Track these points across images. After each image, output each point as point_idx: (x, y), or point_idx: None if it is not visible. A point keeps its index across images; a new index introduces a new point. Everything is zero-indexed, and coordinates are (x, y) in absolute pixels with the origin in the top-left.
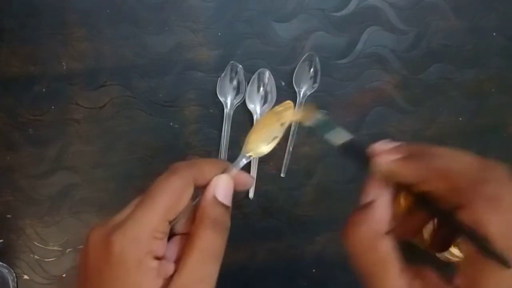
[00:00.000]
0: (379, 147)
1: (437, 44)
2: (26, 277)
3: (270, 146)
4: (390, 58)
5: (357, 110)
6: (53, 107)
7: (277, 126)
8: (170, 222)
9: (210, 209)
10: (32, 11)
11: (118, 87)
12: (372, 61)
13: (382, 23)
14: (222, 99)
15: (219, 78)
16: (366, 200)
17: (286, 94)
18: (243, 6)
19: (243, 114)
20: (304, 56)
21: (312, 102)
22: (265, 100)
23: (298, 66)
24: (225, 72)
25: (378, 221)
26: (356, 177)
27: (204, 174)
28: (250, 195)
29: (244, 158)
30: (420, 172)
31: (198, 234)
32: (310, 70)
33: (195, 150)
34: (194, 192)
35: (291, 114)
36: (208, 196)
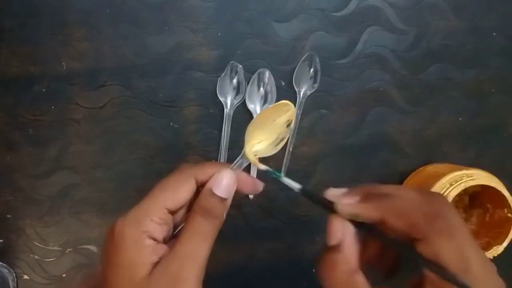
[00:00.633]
0: (334, 192)
1: (437, 44)
2: (26, 277)
3: (277, 148)
4: (390, 58)
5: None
6: (53, 107)
7: (280, 124)
8: (171, 212)
9: (203, 198)
10: (32, 11)
11: (118, 87)
12: (372, 61)
13: (382, 23)
14: (222, 99)
15: (219, 78)
16: (333, 241)
17: (286, 94)
18: (243, 6)
19: (243, 114)
20: (304, 56)
21: (311, 102)
22: (265, 100)
23: (298, 66)
24: (225, 72)
25: (350, 260)
26: (356, 177)
27: (206, 172)
28: (250, 195)
29: (245, 159)
30: (378, 212)
31: (189, 218)
32: (310, 70)
33: (195, 150)
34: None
35: (291, 113)
36: (205, 188)
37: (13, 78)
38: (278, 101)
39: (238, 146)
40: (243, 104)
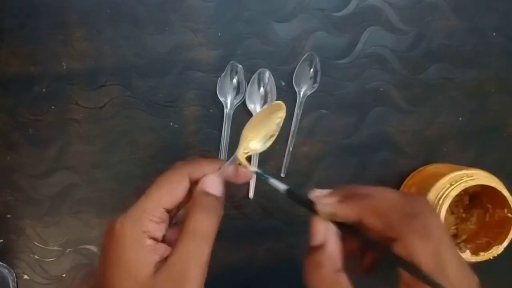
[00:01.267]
0: (318, 193)
1: (437, 44)
2: (26, 277)
3: (266, 144)
4: (390, 58)
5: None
6: (53, 107)
7: (271, 122)
8: (168, 211)
9: (198, 196)
10: (32, 11)
11: (118, 87)
12: (372, 61)
13: (382, 23)
14: (222, 99)
15: (219, 78)
16: (316, 241)
17: (286, 94)
18: (243, 6)
19: (243, 114)
20: (304, 56)
21: (311, 102)
22: (265, 100)
23: (298, 66)
24: (225, 72)
25: (334, 259)
26: (356, 177)
27: (200, 170)
28: (250, 195)
29: (239, 156)
30: (355, 211)
31: (187, 217)
32: (310, 70)
33: (195, 150)
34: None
35: (283, 112)
36: (197, 188)
37: (13, 78)
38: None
39: (238, 146)
40: (243, 104)
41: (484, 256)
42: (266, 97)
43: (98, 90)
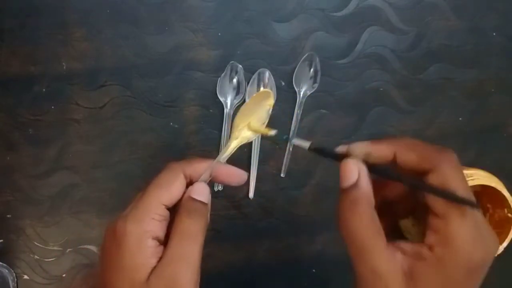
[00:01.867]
0: (344, 147)
1: (437, 44)
2: (26, 277)
3: (256, 133)
4: (390, 58)
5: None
6: (53, 107)
7: (261, 110)
8: (168, 208)
9: (186, 202)
10: (32, 11)
11: (118, 87)
12: (372, 61)
13: (382, 23)
14: (222, 99)
15: (219, 78)
16: (350, 182)
17: (286, 94)
18: (243, 6)
19: None
20: (304, 56)
21: (311, 102)
22: None
23: (298, 66)
24: (225, 72)
25: (369, 196)
26: None
27: (193, 168)
28: (250, 195)
29: (232, 144)
30: (390, 148)
31: (176, 220)
32: (310, 70)
33: (195, 150)
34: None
35: (272, 99)
36: (185, 195)
37: (13, 78)
38: (278, 101)
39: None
40: (243, 104)
41: None
42: None
43: (98, 90)
